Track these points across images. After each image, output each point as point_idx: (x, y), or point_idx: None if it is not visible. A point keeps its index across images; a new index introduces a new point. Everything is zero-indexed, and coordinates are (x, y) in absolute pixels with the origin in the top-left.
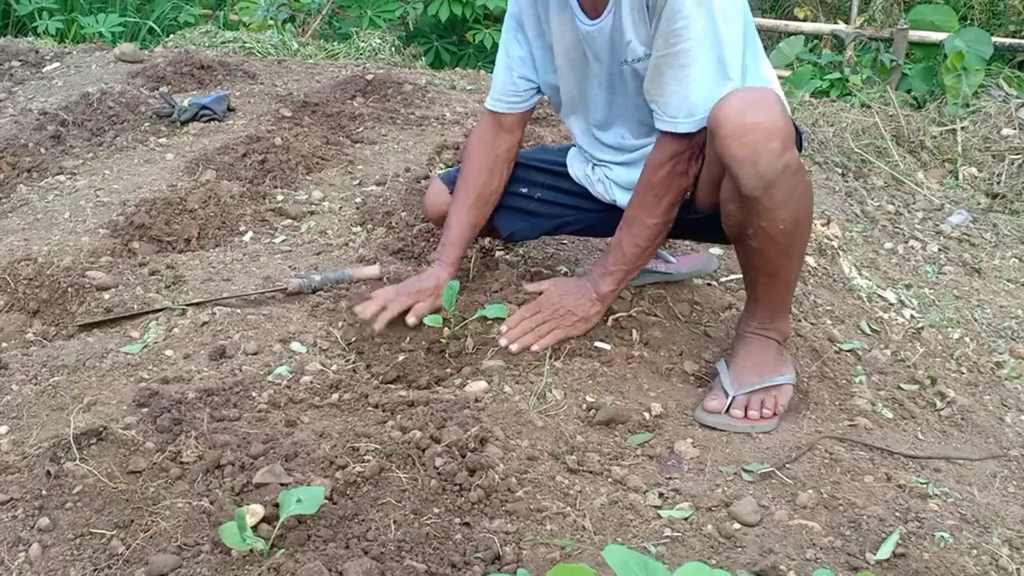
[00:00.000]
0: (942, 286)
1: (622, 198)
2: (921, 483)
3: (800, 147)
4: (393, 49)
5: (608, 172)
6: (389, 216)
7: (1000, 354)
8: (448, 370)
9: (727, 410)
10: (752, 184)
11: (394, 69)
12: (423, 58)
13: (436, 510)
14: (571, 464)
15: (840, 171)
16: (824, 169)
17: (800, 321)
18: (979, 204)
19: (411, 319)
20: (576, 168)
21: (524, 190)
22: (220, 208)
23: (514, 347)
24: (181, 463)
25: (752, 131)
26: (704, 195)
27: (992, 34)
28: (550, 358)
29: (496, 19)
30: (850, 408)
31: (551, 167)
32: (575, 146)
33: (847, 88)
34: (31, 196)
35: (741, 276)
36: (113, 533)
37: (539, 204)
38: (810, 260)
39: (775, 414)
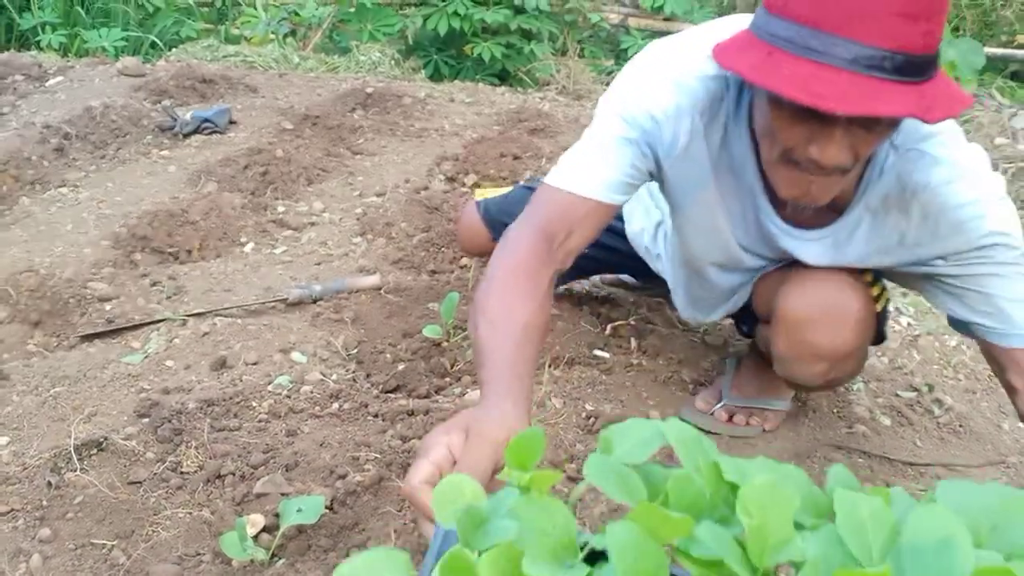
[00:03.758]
0: None
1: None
2: (920, 490)
3: (883, 336)
4: (393, 62)
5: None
6: (389, 227)
7: None
8: (448, 379)
9: (712, 412)
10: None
11: (394, 82)
12: (422, 71)
13: None
14: (571, 472)
15: None
16: None
17: None
18: None
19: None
20: (635, 237)
21: None
22: (221, 219)
23: None
24: (182, 473)
25: (800, 348)
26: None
27: (984, 44)
28: (549, 367)
29: (495, 32)
30: (848, 415)
31: (612, 224)
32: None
33: None
34: (34, 208)
35: None
36: (114, 543)
37: (586, 260)
38: None
39: (760, 427)
